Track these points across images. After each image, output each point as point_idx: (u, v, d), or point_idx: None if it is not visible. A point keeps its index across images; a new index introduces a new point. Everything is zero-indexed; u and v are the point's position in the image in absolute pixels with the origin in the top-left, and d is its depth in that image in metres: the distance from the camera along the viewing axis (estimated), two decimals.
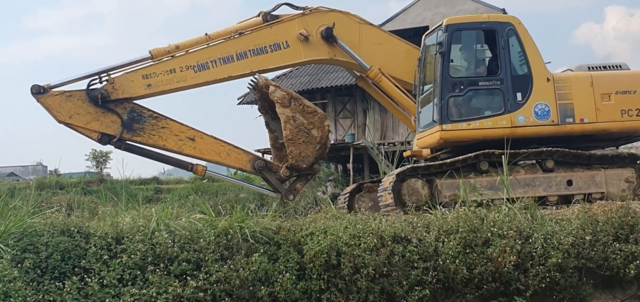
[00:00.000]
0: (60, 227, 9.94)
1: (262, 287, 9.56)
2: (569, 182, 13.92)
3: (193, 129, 15.07)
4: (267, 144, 18.44)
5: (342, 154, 33.21)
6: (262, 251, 9.92)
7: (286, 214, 13.82)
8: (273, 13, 15.70)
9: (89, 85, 14.23)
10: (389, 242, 10.08)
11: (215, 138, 15.23)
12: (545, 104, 14.24)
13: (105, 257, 9.54)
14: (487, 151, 13.76)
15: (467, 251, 10.08)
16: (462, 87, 14.27)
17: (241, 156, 15.16)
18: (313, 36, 15.57)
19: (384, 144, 31.85)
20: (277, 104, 14.57)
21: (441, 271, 9.93)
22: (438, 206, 11.84)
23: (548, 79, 14.36)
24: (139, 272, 9.40)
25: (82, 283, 9.12)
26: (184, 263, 9.59)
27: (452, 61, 14.45)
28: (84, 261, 9.44)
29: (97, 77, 14.34)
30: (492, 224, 10.36)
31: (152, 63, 14.84)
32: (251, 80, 15.20)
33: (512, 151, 13.57)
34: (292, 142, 14.48)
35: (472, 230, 10.26)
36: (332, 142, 33.18)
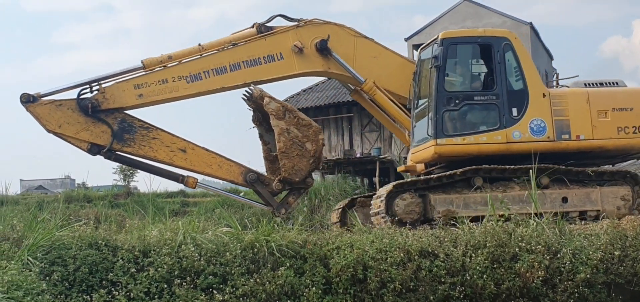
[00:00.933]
0: (88, 240, 10.02)
1: (288, 301, 9.56)
2: (564, 199, 13.76)
3: (184, 140, 14.89)
4: None
5: (368, 167, 33.25)
6: (288, 264, 9.91)
7: (312, 227, 13.82)
8: (267, 24, 15.60)
9: (79, 94, 14.07)
10: (415, 257, 10.05)
11: (206, 150, 15.04)
12: (541, 119, 14.12)
13: (133, 270, 9.59)
14: (484, 165, 13.79)
15: (495, 266, 10.02)
16: (457, 101, 14.17)
17: (233, 168, 14.97)
18: (307, 48, 15.46)
19: None
20: (272, 116, 14.34)
21: (469, 286, 9.88)
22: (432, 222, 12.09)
23: (544, 95, 14.25)
24: (165, 286, 9.44)
25: (110, 296, 9.18)
26: (211, 276, 9.61)
27: (447, 75, 14.35)
28: (111, 274, 9.49)
29: (87, 86, 14.20)
30: (520, 238, 10.30)
31: (144, 73, 14.73)
32: (246, 91, 15.01)
33: (514, 166, 13.78)
34: (285, 155, 14.26)
35: (500, 245, 10.21)
36: (358, 155, 33.14)
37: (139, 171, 16.05)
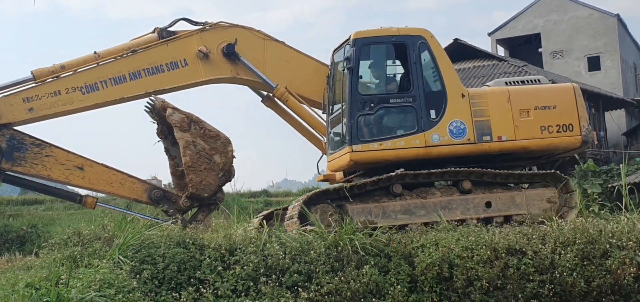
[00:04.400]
0: (176, 239, 10.18)
1: (373, 299, 9.51)
2: (488, 204, 12.91)
3: (82, 157, 13.99)
4: None
5: None
6: (372, 263, 9.87)
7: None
8: (170, 29, 14.73)
9: None
10: (503, 255, 9.88)
11: (107, 167, 14.24)
12: (460, 121, 13.21)
13: (219, 268, 9.70)
14: (405, 171, 12.72)
15: (585, 263, 9.76)
16: (372, 104, 13.18)
17: (136, 185, 14.25)
18: (214, 53, 14.62)
19: None
20: (175, 128, 13.63)
21: (558, 284, 9.67)
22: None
23: (463, 95, 13.35)
24: (251, 283, 9.51)
25: (198, 294, 9.30)
26: (296, 275, 9.65)
27: (361, 77, 13.42)
28: (199, 272, 9.62)
29: None
30: (610, 235, 10.00)
31: (34, 85, 13.75)
32: (147, 102, 14.22)
33: (428, 171, 12.86)
34: (192, 170, 13.58)
35: (590, 241, 9.94)
36: None
37: (32, 191, 15.23)
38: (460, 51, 37.80)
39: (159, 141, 14.99)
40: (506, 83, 14.14)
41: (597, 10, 49.52)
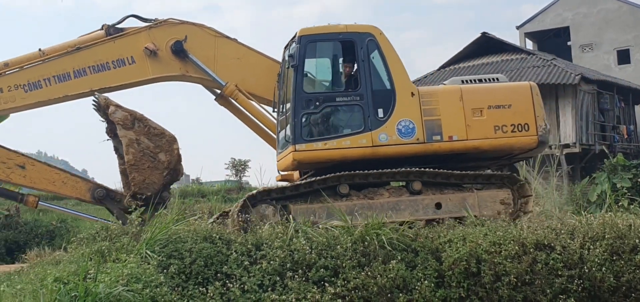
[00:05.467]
0: (203, 234, 10.21)
1: (400, 294, 9.46)
2: (438, 205, 12.61)
3: (23, 155, 13.84)
4: None
5: None
6: (399, 258, 9.83)
7: None
8: (118, 26, 14.39)
9: None
10: (531, 250, 9.82)
11: (49, 165, 14.09)
12: (409, 120, 12.86)
13: (246, 263, 9.71)
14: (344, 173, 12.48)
15: (614, 258, 9.69)
16: (317, 103, 12.82)
17: (79, 184, 14.03)
18: (162, 51, 14.30)
19: None
20: (118, 126, 13.35)
21: (587, 279, 9.60)
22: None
23: (413, 94, 13.02)
24: (278, 278, 9.51)
25: (225, 288, 9.31)
26: (322, 269, 9.63)
27: (306, 75, 13.09)
28: (225, 267, 9.64)
29: None
30: None
31: None
32: (93, 100, 13.89)
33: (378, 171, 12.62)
34: (135, 168, 13.32)
35: (619, 236, 9.87)
36: None
37: None
38: (488, 45, 37.57)
39: (108, 139, 14.72)
40: (462, 81, 13.78)
41: (627, 3, 48.97)
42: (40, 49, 14.00)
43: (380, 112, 12.81)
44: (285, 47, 13.79)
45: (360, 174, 12.47)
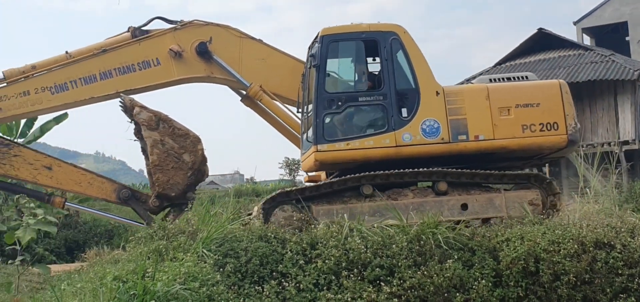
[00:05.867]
0: (258, 233, 10.25)
1: (457, 293, 9.34)
2: (464, 206, 12.34)
3: (50, 157, 13.96)
4: None
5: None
6: (456, 257, 9.72)
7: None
8: (144, 28, 14.45)
9: None
10: (590, 248, 9.61)
11: (75, 166, 14.20)
12: (434, 120, 12.67)
13: (301, 262, 9.69)
14: (365, 173, 12.30)
15: None
16: (340, 103, 12.72)
17: (105, 185, 14.14)
18: (187, 52, 14.32)
19: (582, 146, 30.36)
20: (143, 127, 13.41)
21: None
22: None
23: (438, 93, 12.79)
24: (333, 277, 9.48)
25: (280, 287, 9.31)
26: (378, 269, 9.55)
27: (329, 75, 12.98)
28: (281, 266, 9.65)
29: None
30: None
31: (4, 85, 13.71)
32: (120, 102, 13.94)
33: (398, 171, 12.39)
34: (159, 168, 13.36)
35: None
36: None
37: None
38: (544, 41, 37.00)
39: (135, 140, 14.82)
40: (491, 80, 13.49)
41: None
42: (67, 52, 14.15)
43: (404, 111, 12.69)
44: (309, 47, 13.72)
45: (382, 175, 12.36)
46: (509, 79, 13.61)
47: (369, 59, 13.41)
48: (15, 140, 18.53)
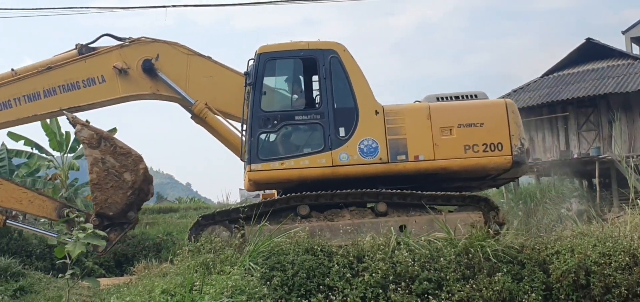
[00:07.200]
0: (305, 246, 10.24)
1: None
2: (402, 228, 12.01)
3: None
4: None
5: (587, 168, 31.64)
6: (505, 270, 9.63)
7: (529, 232, 13.18)
8: (92, 45, 14.05)
9: None
10: None
11: (17, 184, 14.07)
12: (372, 139, 12.49)
13: (348, 275, 9.67)
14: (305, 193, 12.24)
15: None
16: (275, 122, 12.60)
17: (46, 203, 13.82)
18: (133, 69, 13.90)
19: (632, 157, 29.74)
20: (84, 145, 13.14)
21: None
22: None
23: (377, 112, 12.61)
24: (380, 291, 9.43)
25: (327, 300, 9.31)
26: (425, 282, 9.51)
27: (265, 94, 12.81)
28: (327, 279, 9.63)
29: None
30: None
31: None
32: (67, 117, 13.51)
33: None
34: (98, 187, 13.01)
35: None
36: (575, 156, 31.62)
37: None
38: (593, 51, 36.16)
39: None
40: (438, 98, 13.25)
41: None
42: (12, 69, 13.93)
43: (342, 130, 12.55)
44: (248, 63, 13.43)
45: (322, 195, 12.25)
46: (457, 97, 13.32)
47: (307, 78, 13.30)
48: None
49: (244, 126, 13.14)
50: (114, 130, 20.95)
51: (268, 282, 9.38)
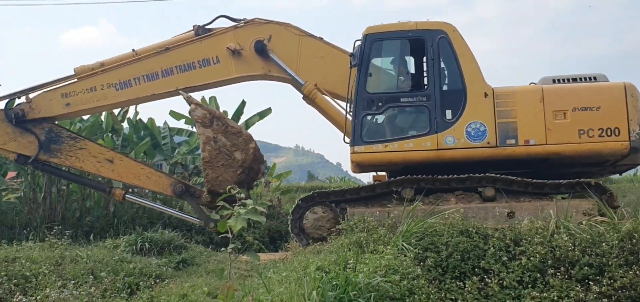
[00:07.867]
0: (459, 228, 10.12)
1: None
2: (510, 214, 11.70)
3: (112, 150, 14.51)
4: None
5: None
6: None
7: None
8: (208, 26, 14.33)
9: (7, 105, 14.20)
10: None
11: (135, 160, 14.57)
12: (480, 122, 12.18)
13: (504, 258, 9.46)
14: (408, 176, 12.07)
15: None
16: (380, 104, 12.40)
17: (162, 179, 14.25)
18: (246, 50, 14.07)
19: None
20: (197, 124, 13.30)
21: None
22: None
23: (486, 94, 12.24)
24: (538, 275, 9.16)
25: (482, 284, 9.14)
26: (586, 267, 9.15)
27: (371, 75, 12.54)
28: (483, 262, 9.45)
29: (16, 96, 14.28)
30: None
31: (74, 81, 14.33)
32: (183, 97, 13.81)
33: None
34: (209, 165, 13.15)
35: None
36: None
37: (64, 179, 15.74)
38: None
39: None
40: (554, 80, 12.71)
41: None
42: (133, 50, 14.49)
43: (449, 113, 12.34)
44: (353, 46, 13.36)
45: (425, 179, 12.15)
46: (574, 79, 12.82)
47: (414, 59, 13.17)
48: None
49: (349, 107, 13.20)
50: (268, 111, 21.55)
51: (421, 263, 9.34)
